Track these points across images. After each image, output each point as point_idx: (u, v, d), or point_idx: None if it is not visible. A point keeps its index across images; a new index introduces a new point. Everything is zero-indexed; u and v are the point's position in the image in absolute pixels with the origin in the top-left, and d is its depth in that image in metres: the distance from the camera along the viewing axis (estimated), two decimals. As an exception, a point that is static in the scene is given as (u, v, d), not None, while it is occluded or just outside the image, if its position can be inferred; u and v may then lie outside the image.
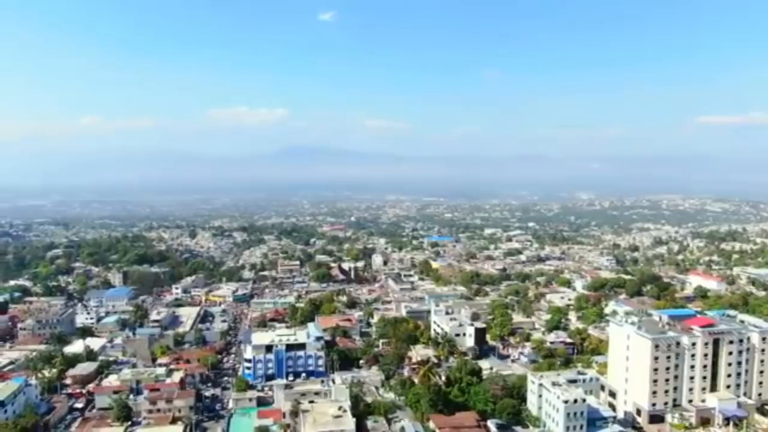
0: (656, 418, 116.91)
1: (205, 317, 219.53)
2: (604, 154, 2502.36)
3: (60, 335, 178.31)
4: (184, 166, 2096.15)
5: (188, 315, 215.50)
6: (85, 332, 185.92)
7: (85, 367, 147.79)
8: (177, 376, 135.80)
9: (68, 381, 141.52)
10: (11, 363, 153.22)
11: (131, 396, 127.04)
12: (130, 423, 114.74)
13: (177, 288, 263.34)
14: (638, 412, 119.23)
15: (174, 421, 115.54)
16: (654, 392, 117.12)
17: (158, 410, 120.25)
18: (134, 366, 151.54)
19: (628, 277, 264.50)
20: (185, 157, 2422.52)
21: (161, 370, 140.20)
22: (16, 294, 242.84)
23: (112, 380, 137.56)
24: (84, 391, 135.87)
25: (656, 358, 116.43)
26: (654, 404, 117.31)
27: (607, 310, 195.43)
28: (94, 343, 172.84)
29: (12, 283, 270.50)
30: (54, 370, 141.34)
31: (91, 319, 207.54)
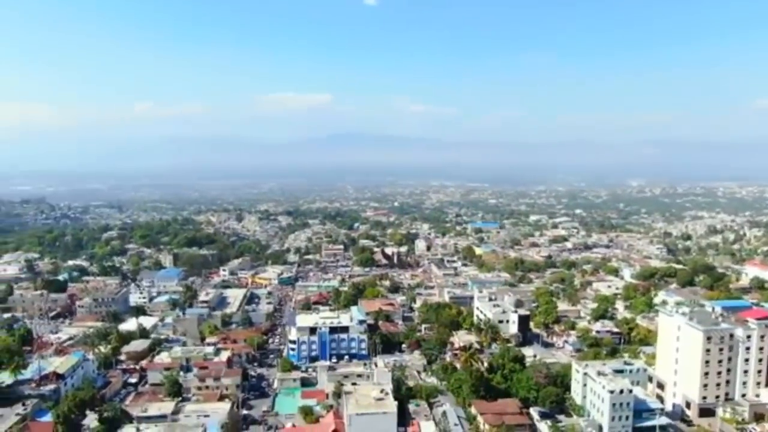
0: (706, 412, 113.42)
1: (251, 299, 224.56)
2: (656, 139, 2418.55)
3: (115, 313, 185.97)
4: (232, 151, 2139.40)
5: (235, 296, 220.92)
6: (139, 311, 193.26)
7: (138, 344, 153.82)
8: (224, 355, 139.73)
9: (123, 357, 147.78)
10: (70, 339, 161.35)
11: (181, 373, 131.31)
12: (180, 399, 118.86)
13: (224, 270, 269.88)
14: (688, 405, 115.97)
15: (222, 398, 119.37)
16: (705, 385, 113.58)
17: (207, 387, 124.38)
18: (184, 344, 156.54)
19: (680, 266, 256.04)
20: (233, 143, 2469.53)
21: (209, 349, 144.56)
22: (75, 273, 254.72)
23: (163, 357, 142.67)
24: (137, 367, 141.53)
25: (708, 351, 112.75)
26: (705, 397, 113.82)
27: (656, 300, 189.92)
28: (147, 321, 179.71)
29: (71, 263, 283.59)
30: (109, 347, 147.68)
31: (144, 298, 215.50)
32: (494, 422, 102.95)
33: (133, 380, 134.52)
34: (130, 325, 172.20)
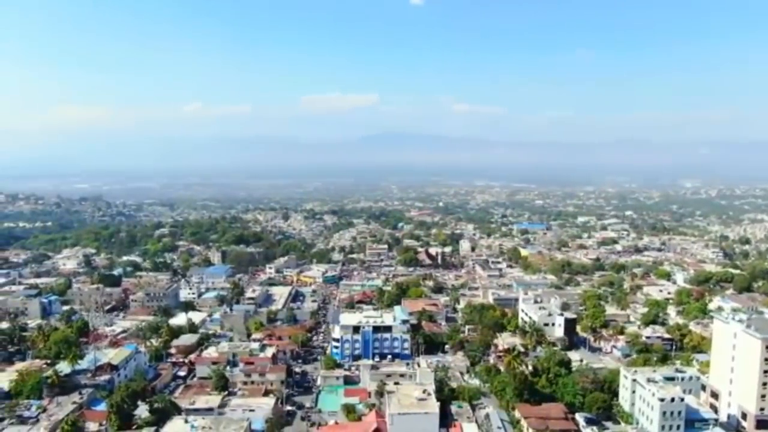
0: (764, 424, 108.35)
1: (296, 296, 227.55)
2: (712, 139, 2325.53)
3: (166, 308, 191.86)
4: (278, 151, 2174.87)
5: (280, 294, 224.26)
6: (188, 306, 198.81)
7: (187, 338, 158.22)
8: (269, 351, 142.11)
9: (173, 350, 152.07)
10: (124, 331, 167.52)
11: (228, 367, 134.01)
12: (226, 392, 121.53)
13: (270, 268, 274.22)
14: (744, 415, 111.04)
15: (267, 393, 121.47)
16: (763, 396, 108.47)
17: (252, 382, 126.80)
18: (231, 340, 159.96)
19: (737, 271, 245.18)
20: (279, 143, 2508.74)
21: (255, 345, 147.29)
22: (129, 268, 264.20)
23: (211, 352, 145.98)
24: (186, 361, 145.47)
25: (767, 360, 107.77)
26: (762, 409, 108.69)
27: (711, 306, 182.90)
28: (196, 316, 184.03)
29: (125, 258, 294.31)
30: (160, 340, 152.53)
31: (193, 294, 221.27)
32: (538, 426, 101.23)
33: (182, 373, 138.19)
34: (179, 319, 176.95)
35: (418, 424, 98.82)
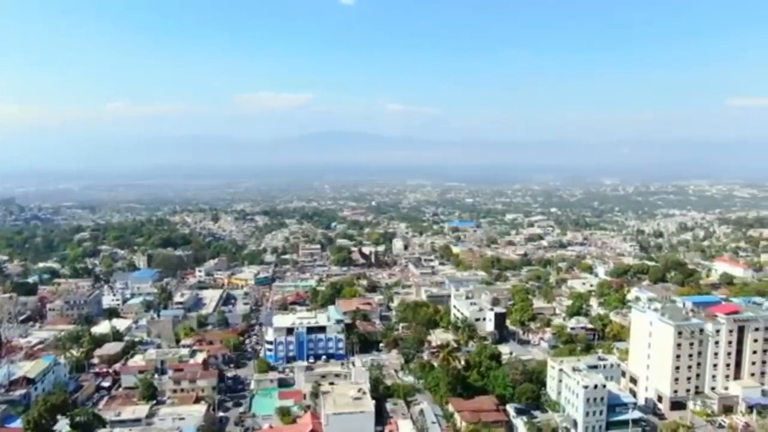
0: (678, 405, 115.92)
1: (227, 300, 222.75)
2: (631, 138, 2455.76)
3: (87, 316, 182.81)
4: (209, 151, 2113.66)
5: (211, 297, 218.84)
6: (112, 313, 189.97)
7: (111, 347, 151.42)
8: (200, 357, 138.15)
9: (95, 360, 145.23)
10: (41, 342, 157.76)
11: (156, 375, 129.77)
12: (155, 401, 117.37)
13: (200, 271, 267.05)
14: (659, 398, 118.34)
15: (197, 400, 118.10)
16: (676, 379, 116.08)
17: (182, 390, 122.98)
18: (159, 346, 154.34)
19: (652, 263, 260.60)
20: (210, 142, 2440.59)
21: (185, 351, 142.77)
22: (45, 276, 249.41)
23: (137, 360, 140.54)
24: (110, 371, 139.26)
25: (679, 345, 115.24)
26: (676, 391, 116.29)
27: (629, 297, 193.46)
28: (120, 323, 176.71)
29: (41, 265, 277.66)
30: (82, 350, 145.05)
31: (117, 300, 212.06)
32: (471, 419, 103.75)
33: (106, 384, 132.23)
34: (102, 327, 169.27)
35: (353, 424, 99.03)
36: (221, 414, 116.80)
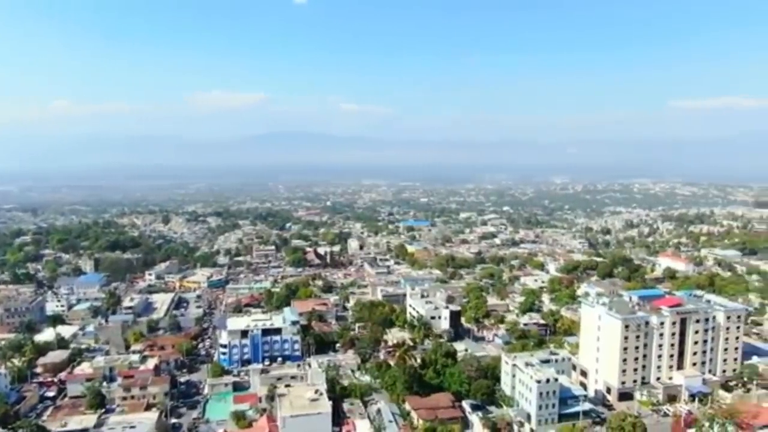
0: (625, 396, 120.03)
1: (179, 303, 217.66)
2: (581, 139, 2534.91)
3: (30, 323, 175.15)
4: (160, 151, 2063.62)
5: (162, 301, 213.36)
6: (56, 320, 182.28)
7: (56, 355, 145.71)
8: (151, 363, 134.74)
9: (39, 369, 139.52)
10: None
11: (104, 383, 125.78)
12: (103, 410, 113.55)
13: (150, 274, 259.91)
14: (608, 390, 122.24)
15: (149, 407, 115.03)
16: (623, 371, 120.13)
17: (132, 397, 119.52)
18: (107, 353, 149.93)
19: (600, 259, 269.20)
20: (160, 142, 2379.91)
21: (135, 357, 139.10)
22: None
23: (84, 368, 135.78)
24: (55, 380, 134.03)
25: (626, 338, 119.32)
26: (623, 382, 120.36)
27: (579, 292, 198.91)
28: (66, 330, 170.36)
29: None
30: (24, 359, 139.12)
31: (62, 306, 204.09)
32: (427, 417, 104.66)
33: (50, 394, 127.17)
34: (46, 335, 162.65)
35: (310, 425, 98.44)
36: (174, 420, 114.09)
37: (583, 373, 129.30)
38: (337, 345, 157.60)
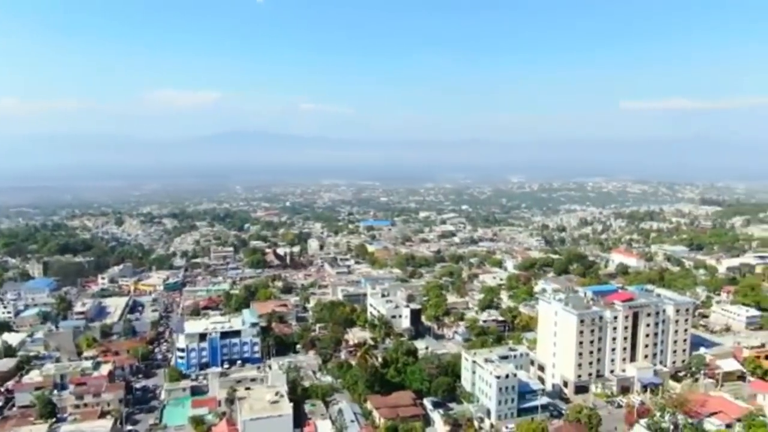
0: (581, 389, 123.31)
1: (134, 307, 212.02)
2: (536, 139, 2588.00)
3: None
4: (112, 151, 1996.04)
5: (116, 305, 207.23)
6: (2, 327, 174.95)
7: (3, 364, 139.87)
8: (105, 369, 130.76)
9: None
10: None
11: (55, 391, 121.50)
12: (54, 420, 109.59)
13: (103, 278, 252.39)
14: (565, 383, 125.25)
15: (103, 414, 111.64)
16: (579, 364, 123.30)
17: (85, 405, 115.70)
18: (58, 360, 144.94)
19: (556, 256, 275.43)
20: (111, 142, 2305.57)
21: (88, 364, 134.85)
22: None
23: (33, 376, 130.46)
24: (2, 389, 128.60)
25: (581, 332, 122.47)
26: (579, 376, 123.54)
27: (536, 289, 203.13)
28: (13, 338, 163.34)
29: None
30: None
31: (9, 312, 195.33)
32: (389, 415, 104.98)
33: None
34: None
35: (271, 427, 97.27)
36: (130, 427, 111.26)
37: (541, 368, 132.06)
38: (298, 346, 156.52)
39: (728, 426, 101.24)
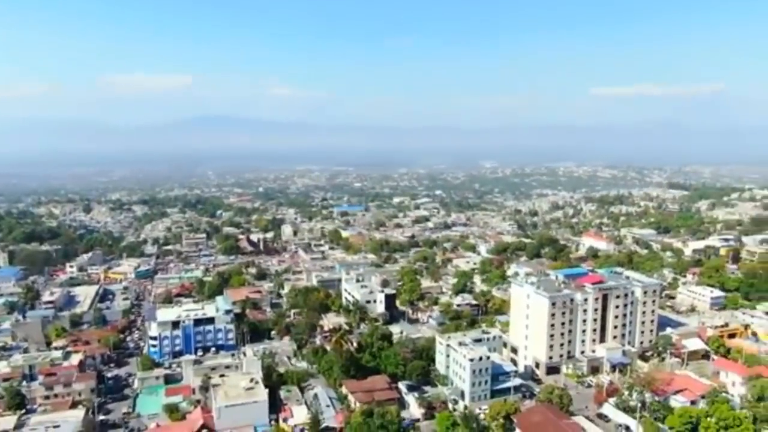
0: (553, 370, 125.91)
1: (104, 296, 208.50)
2: (508, 124, 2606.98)
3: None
4: (77, 137, 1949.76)
5: (86, 294, 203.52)
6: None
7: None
8: (75, 359, 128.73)
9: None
10: None
11: (24, 382, 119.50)
12: (23, 411, 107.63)
13: (72, 266, 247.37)
14: (537, 365, 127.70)
15: (74, 405, 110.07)
16: (551, 346, 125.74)
17: (56, 395, 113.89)
18: (26, 351, 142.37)
19: (528, 240, 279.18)
20: (78, 127, 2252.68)
21: (57, 354, 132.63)
22: None
23: (1, 367, 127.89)
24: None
25: (553, 315, 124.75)
26: (551, 357, 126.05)
27: (509, 273, 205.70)
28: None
29: None
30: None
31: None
32: (365, 399, 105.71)
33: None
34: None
35: (246, 414, 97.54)
36: (102, 417, 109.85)
37: (514, 350, 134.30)
38: (273, 332, 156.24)
39: (693, 402, 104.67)
